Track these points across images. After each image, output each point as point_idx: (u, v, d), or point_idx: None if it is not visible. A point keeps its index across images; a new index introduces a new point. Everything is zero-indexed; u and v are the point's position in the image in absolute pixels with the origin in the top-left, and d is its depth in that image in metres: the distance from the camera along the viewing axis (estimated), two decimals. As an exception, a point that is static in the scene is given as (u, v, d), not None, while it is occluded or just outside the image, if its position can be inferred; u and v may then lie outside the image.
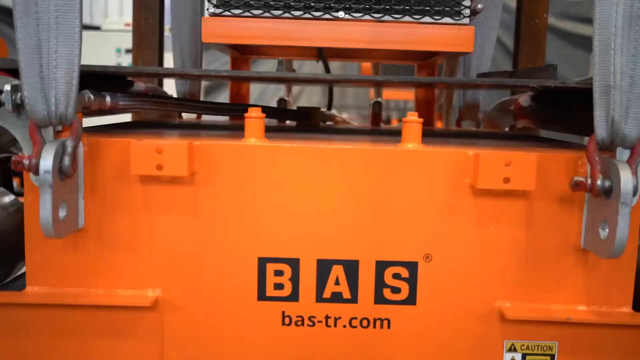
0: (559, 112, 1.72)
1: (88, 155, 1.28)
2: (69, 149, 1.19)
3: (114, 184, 1.29)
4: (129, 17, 9.43)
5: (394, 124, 7.49)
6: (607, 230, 1.19)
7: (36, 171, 1.16)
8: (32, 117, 1.17)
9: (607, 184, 1.18)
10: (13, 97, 1.21)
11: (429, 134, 1.93)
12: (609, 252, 1.18)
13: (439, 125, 3.00)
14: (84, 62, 1.24)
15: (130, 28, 4.67)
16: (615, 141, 1.18)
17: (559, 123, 1.74)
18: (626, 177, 1.14)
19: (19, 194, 2.40)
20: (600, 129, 1.19)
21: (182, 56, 2.35)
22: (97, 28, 6.35)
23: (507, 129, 2.68)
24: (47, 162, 1.15)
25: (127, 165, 1.26)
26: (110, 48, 5.18)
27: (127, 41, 5.32)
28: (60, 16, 1.16)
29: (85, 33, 4.22)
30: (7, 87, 1.21)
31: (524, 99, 2.17)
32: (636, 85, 1.15)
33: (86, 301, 1.29)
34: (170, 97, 2.07)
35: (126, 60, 5.16)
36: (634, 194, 1.15)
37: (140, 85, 2.19)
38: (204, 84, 3.02)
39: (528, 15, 2.77)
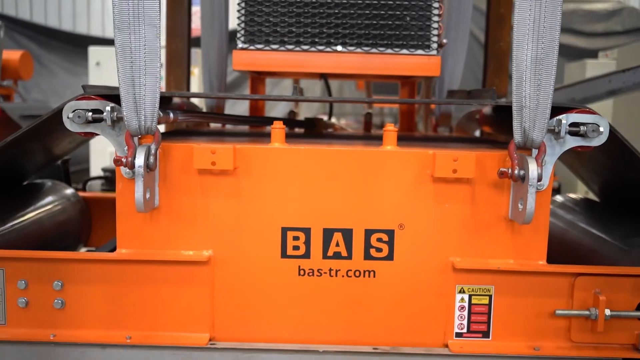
0: (504, 121, 2.24)
1: (161, 155, 1.80)
2: (153, 151, 1.71)
3: (179, 175, 1.81)
4: None
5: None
6: (522, 204, 1.71)
7: (132, 166, 1.68)
8: (129, 129, 1.69)
9: (521, 172, 1.70)
10: (111, 115, 1.73)
11: (409, 139, 2.46)
12: (523, 220, 1.70)
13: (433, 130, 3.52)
14: (111, 70, 1.75)
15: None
16: (527, 144, 1.70)
17: (505, 130, 2.26)
18: (533, 168, 1.66)
19: (76, 189, 2.97)
20: (517, 135, 1.71)
21: (210, 76, 2.88)
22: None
23: (478, 134, 3.20)
24: (140, 160, 1.67)
25: (189, 162, 1.78)
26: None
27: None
28: (147, 60, 1.68)
29: (111, 48, 4.79)
30: (108, 108, 1.73)
31: (486, 110, 2.68)
32: (540, 106, 1.67)
33: (160, 258, 1.81)
34: (212, 113, 2.58)
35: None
36: (539, 179, 1.67)
37: (176, 100, 2.71)
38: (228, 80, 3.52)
39: (494, 39, 3.28)
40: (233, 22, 2.74)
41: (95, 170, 5.73)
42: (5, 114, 5.71)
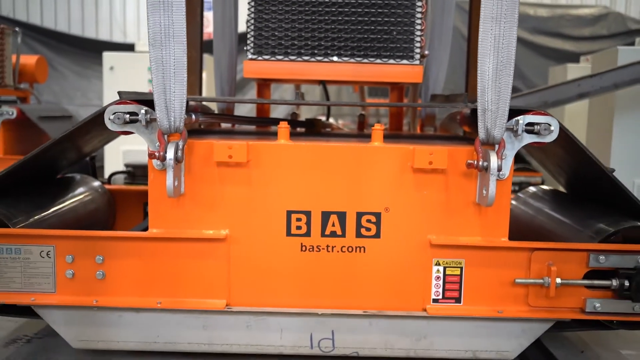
0: (477, 121, 2.57)
1: (187, 150, 2.14)
2: (180, 147, 2.05)
3: (201, 167, 2.15)
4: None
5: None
6: (486, 191, 2.05)
7: (163, 159, 2.02)
8: (160, 129, 2.03)
9: (484, 164, 2.04)
10: (145, 117, 2.07)
11: (396, 136, 2.80)
12: (486, 203, 2.04)
13: (418, 130, 3.86)
14: (123, 74, 2.09)
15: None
16: (490, 140, 2.04)
17: (476, 128, 2.59)
18: (494, 160, 2.01)
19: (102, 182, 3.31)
20: (481, 133, 2.05)
21: (221, 82, 3.21)
22: (131, 45, 7.19)
23: (461, 133, 3.53)
24: (170, 154, 2.01)
25: (210, 156, 2.12)
26: (143, 66, 6.05)
27: (157, 61, 6.18)
28: (176, 70, 2.01)
29: (123, 54, 5.25)
30: (142, 111, 2.07)
31: (466, 111, 3.02)
32: (500, 109, 2.01)
33: (186, 236, 2.15)
34: (225, 114, 2.92)
35: (156, 77, 6.07)
36: (499, 170, 2.01)
37: (192, 103, 3.05)
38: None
39: (475, 46, 3.60)
40: (241, 26, 3.10)
41: (110, 166, 6.08)
42: (25, 115, 6.05)
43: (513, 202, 3.09)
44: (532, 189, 3.19)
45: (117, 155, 5.95)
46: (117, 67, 6.02)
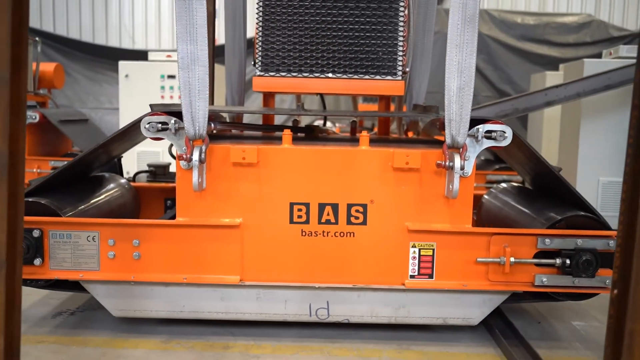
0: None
1: (208, 153, 2.58)
2: (203, 150, 2.49)
3: (220, 166, 2.60)
4: (166, 45, 10.70)
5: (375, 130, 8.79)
6: (452, 186, 2.50)
7: (189, 160, 2.46)
8: (187, 136, 2.47)
9: (450, 164, 2.49)
10: (175, 126, 2.52)
11: (383, 141, 3.24)
12: (452, 196, 2.49)
13: (409, 134, 4.30)
14: (137, 81, 2.54)
15: (171, 59, 6.09)
16: (454, 145, 2.49)
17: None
18: (457, 161, 2.46)
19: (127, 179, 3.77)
20: (448, 139, 2.50)
21: (232, 93, 3.65)
22: (140, 52, 7.60)
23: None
24: (195, 156, 2.45)
25: (227, 158, 2.57)
26: (156, 74, 6.51)
27: (168, 69, 6.66)
28: (200, 89, 2.46)
29: (138, 63, 5.75)
30: (172, 121, 2.52)
31: (442, 119, 3.47)
32: (462, 120, 2.45)
33: (207, 223, 2.60)
34: (237, 122, 3.36)
35: (168, 84, 6.51)
36: (462, 169, 2.46)
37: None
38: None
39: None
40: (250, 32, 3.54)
41: (125, 165, 6.52)
42: (46, 118, 6.49)
43: (486, 196, 3.55)
44: (503, 185, 3.64)
45: (132, 155, 6.39)
46: (131, 75, 6.47)
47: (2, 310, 1.55)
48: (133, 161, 6.34)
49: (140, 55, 9.56)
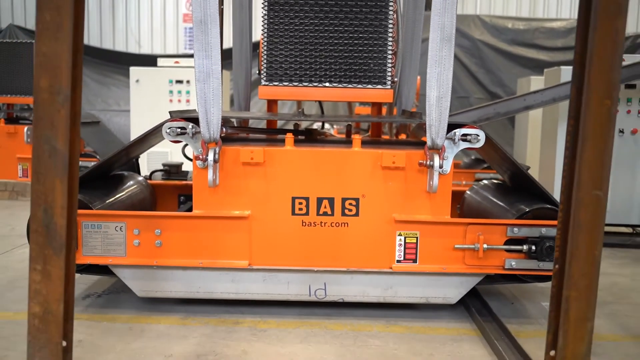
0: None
1: (221, 154, 2.95)
2: (217, 151, 2.86)
3: (231, 165, 2.96)
4: (171, 50, 11.01)
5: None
6: (432, 182, 2.87)
7: (205, 161, 2.83)
8: (203, 139, 2.84)
9: (430, 163, 2.86)
10: (192, 131, 2.89)
11: (374, 142, 3.60)
12: (432, 191, 2.86)
13: (402, 136, 4.66)
14: (147, 86, 2.91)
15: (179, 65, 6.47)
16: (434, 147, 2.86)
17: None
18: (437, 160, 2.82)
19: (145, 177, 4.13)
20: (428, 142, 2.86)
21: (239, 100, 4.02)
22: (146, 56, 7.93)
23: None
24: (210, 157, 2.82)
25: (237, 158, 2.93)
26: (165, 79, 6.89)
27: (176, 74, 7.03)
28: (214, 98, 2.82)
29: (147, 69, 6.16)
30: (189, 126, 2.89)
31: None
32: (441, 125, 2.82)
33: (220, 215, 2.97)
34: (244, 126, 3.71)
35: (176, 89, 6.89)
36: (441, 167, 2.83)
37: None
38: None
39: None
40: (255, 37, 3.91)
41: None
42: (62, 121, 6.83)
43: (468, 191, 3.92)
44: (484, 181, 4.00)
45: (143, 155, 6.75)
46: (142, 80, 6.84)
47: (62, 282, 1.92)
48: (143, 161, 6.70)
49: (146, 59, 9.94)
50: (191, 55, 9.69)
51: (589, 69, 1.87)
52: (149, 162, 6.70)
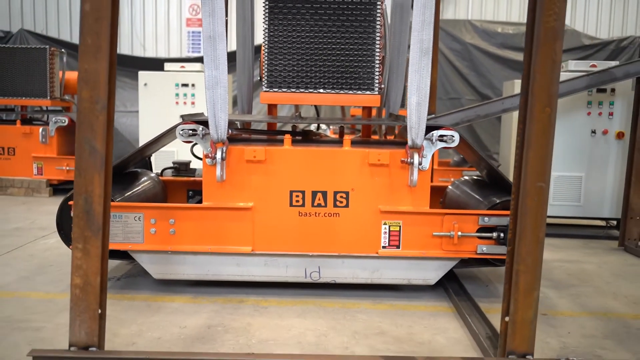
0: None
1: (228, 152, 3.33)
2: (224, 150, 3.24)
3: (236, 163, 3.34)
4: (174, 53, 11.31)
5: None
6: (412, 177, 3.25)
7: (214, 158, 3.21)
8: (212, 139, 3.22)
9: (411, 160, 3.24)
10: (202, 132, 3.27)
11: (364, 142, 3.99)
12: (413, 185, 3.25)
13: (390, 137, 5.05)
14: (155, 89, 3.30)
15: (184, 70, 6.84)
16: (414, 146, 3.24)
17: (417, 137, 3.79)
18: (416, 158, 3.21)
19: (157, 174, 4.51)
20: (409, 141, 3.24)
21: (242, 102, 4.40)
22: (150, 59, 8.32)
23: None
24: (219, 155, 3.20)
25: (242, 156, 3.31)
26: (171, 83, 7.29)
27: (182, 78, 7.41)
28: (222, 103, 3.20)
29: (155, 73, 6.59)
30: (200, 128, 3.27)
31: (415, 124, 4.21)
32: (420, 127, 3.20)
33: (227, 206, 3.35)
34: (246, 128, 4.10)
35: (182, 92, 7.29)
36: (420, 164, 3.21)
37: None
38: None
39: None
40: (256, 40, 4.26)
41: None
42: (74, 122, 7.23)
43: (450, 186, 4.30)
44: (465, 177, 4.39)
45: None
46: (149, 83, 7.23)
47: (99, 259, 2.30)
48: (152, 159, 7.10)
49: (151, 62, 10.32)
50: (195, 59, 10.13)
51: (532, 83, 2.26)
52: (157, 160, 7.08)
